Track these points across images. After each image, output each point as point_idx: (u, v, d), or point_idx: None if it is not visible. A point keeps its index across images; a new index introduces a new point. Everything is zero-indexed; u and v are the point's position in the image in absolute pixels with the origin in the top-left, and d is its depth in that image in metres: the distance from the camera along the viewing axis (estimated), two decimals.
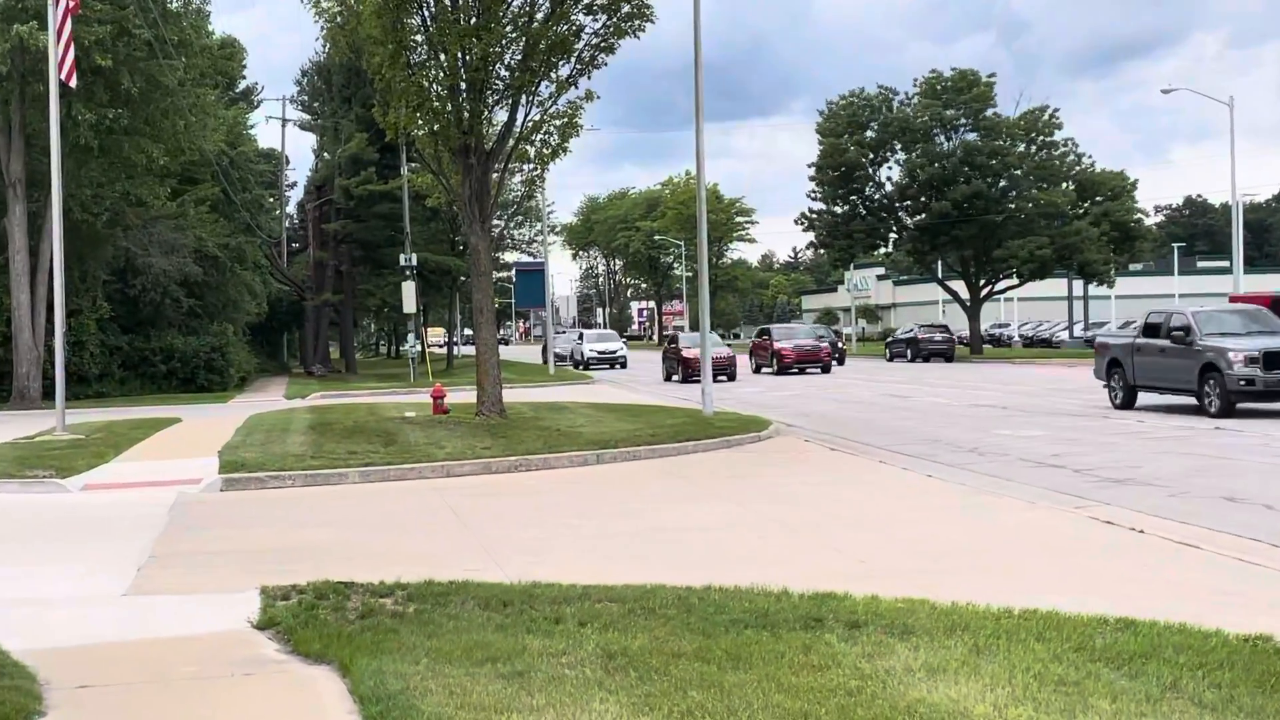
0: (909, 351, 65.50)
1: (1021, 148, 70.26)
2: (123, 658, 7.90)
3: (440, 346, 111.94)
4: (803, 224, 76.19)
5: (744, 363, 54.12)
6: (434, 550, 11.93)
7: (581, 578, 9.84)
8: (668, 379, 47.61)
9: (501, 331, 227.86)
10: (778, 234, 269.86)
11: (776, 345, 51.01)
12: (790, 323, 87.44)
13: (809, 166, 73.99)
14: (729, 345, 59.72)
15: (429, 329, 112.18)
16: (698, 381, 41.11)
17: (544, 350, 68.82)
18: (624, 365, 63.41)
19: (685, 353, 46.22)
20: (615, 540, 12.40)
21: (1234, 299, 45.29)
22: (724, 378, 45.32)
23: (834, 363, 55.28)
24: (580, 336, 69.15)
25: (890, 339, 72.37)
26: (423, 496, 16.21)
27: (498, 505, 15.28)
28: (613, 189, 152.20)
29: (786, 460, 19.80)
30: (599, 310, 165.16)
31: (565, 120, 25.32)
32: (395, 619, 8.52)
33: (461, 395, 34.79)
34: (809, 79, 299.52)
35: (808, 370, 50.86)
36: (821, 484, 16.67)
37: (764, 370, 51.93)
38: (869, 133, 72.20)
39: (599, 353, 64.65)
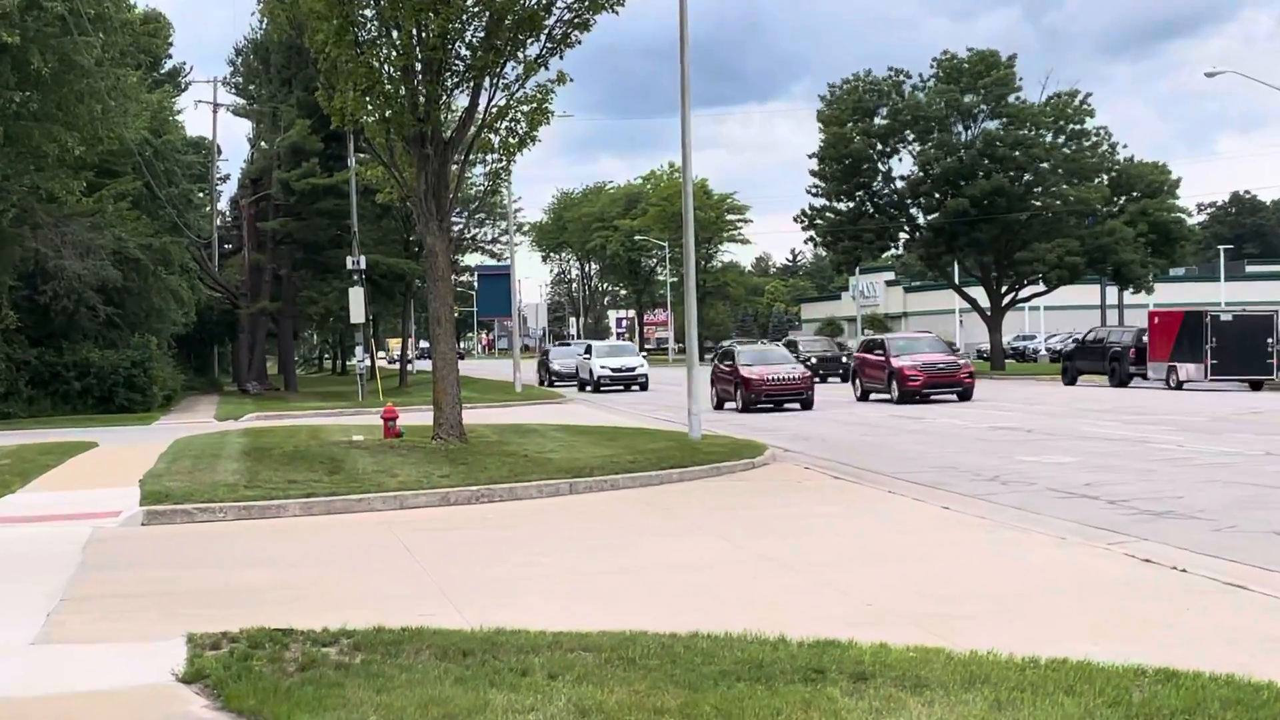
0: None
1: (1048, 138, 70.62)
2: (30, 716, 7.85)
3: (392, 361, 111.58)
4: (802, 222, 76.42)
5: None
6: (384, 592, 11.91)
7: (551, 623, 9.83)
8: (719, 407, 42.10)
9: (462, 344, 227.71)
10: (774, 234, 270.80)
11: (897, 363, 42.53)
12: (908, 332, 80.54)
13: (810, 158, 74.31)
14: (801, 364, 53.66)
15: (390, 340, 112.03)
16: (763, 410, 39.85)
17: (539, 366, 67.62)
18: (644, 387, 56.74)
19: (746, 372, 40.79)
20: (589, 580, 12.40)
21: (1152, 315, 49.85)
22: (796, 405, 40.32)
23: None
24: (588, 350, 61.78)
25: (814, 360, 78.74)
26: (372, 531, 16.19)
27: (457, 541, 15.26)
28: (588, 183, 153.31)
29: (783, 490, 19.83)
30: (572, 320, 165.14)
31: (534, 105, 25.35)
32: (340, 671, 8.49)
33: (416, 416, 34.73)
34: (811, 60, 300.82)
35: (937, 397, 42.55)
36: (823, 516, 16.72)
37: (876, 396, 44.17)
38: (877, 120, 72.49)
39: (614, 370, 56.09)
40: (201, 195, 67.34)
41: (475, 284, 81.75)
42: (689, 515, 17.10)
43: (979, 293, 75.78)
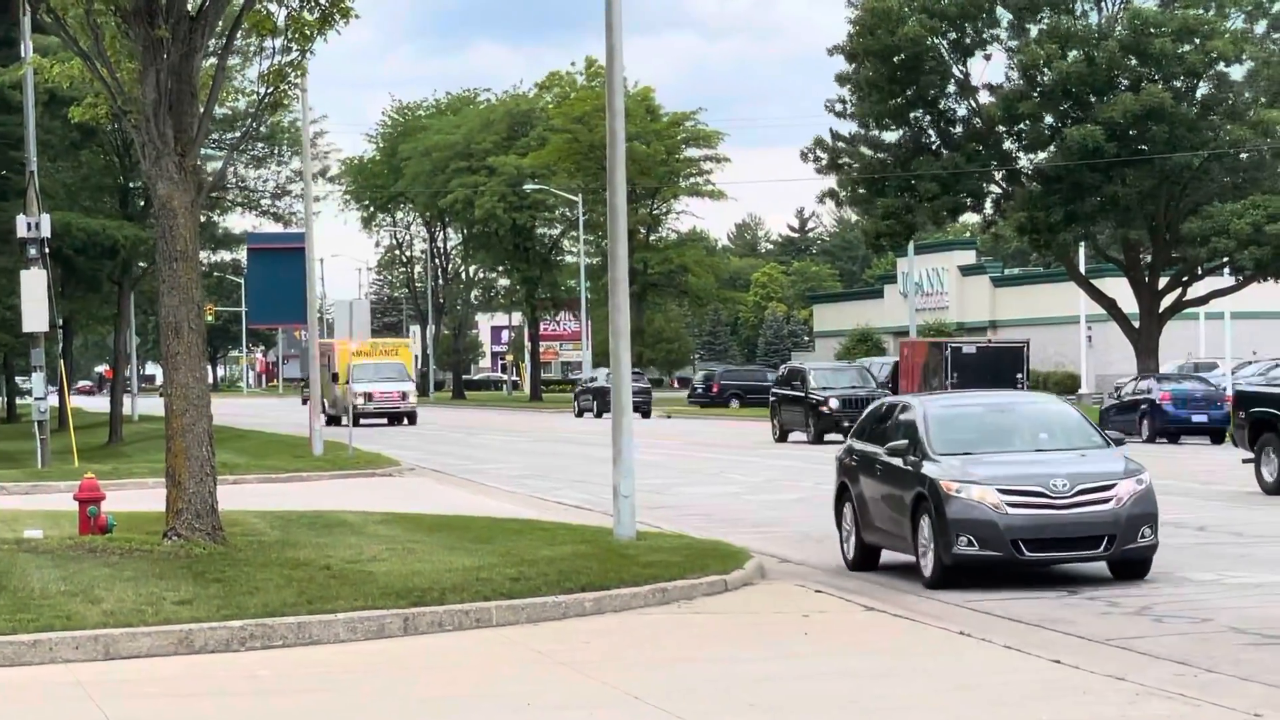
0: (596, 404, 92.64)
1: (1237, 23, 71.11)
2: None
3: (93, 392, 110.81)
4: (819, 161, 76.55)
5: None
6: None
7: None
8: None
9: (221, 370, 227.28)
10: (770, 185, 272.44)
11: None
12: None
13: (833, 53, 74.53)
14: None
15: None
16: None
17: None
18: None
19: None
20: None
21: (903, 346, 70.21)
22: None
23: None
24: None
25: (579, 388, 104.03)
26: (55, 701, 16.11)
27: (204, 718, 15.17)
28: (449, 91, 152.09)
29: (776, 630, 19.96)
30: (414, 329, 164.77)
31: None
32: None
33: (138, 496, 34.52)
34: None
35: None
36: (843, 677, 16.85)
37: None
38: None
39: None
40: None
41: (244, 265, 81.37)
42: (610, 674, 17.15)
43: (1119, 288, 76.11)
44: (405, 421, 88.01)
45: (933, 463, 23.83)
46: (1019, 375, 67.06)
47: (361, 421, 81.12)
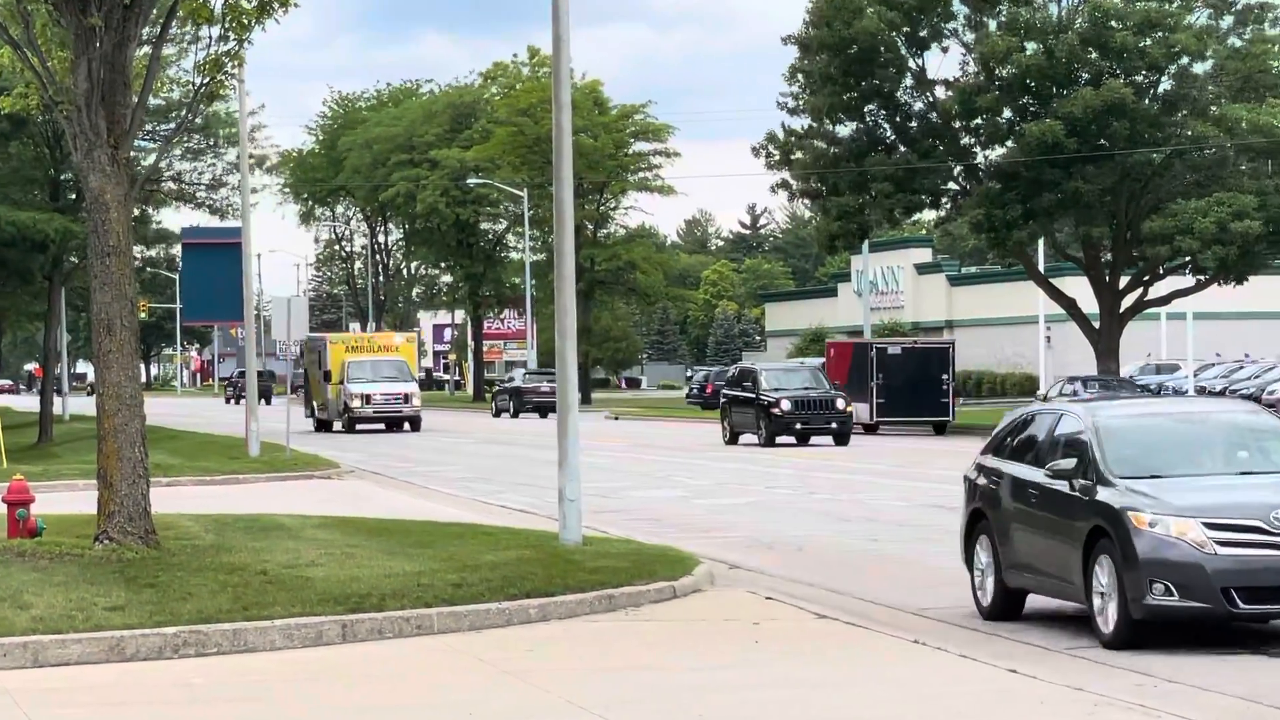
0: (512, 404, 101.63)
1: (1202, 19, 71.15)
2: None
3: (16, 391, 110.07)
4: (771, 156, 76.36)
5: None
6: None
7: None
8: None
9: (155, 369, 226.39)
10: (722, 180, 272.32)
11: None
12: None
13: (786, 44, 74.44)
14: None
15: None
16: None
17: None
18: None
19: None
20: None
21: (829, 346, 77.13)
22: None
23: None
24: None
25: (497, 388, 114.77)
26: None
27: None
28: (390, 83, 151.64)
29: (726, 638, 19.93)
30: (353, 326, 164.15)
31: None
32: None
33: (69, 498, 34.33)
34: None
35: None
36: (797, 687, 16.84)
37: None
38: None
39: None
40: None
41: (179, 261, 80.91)
42: (555, 683, 17.13)
43: (1079, 287, 76.18)
44: (408, 427, 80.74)
45: (1111, 488, 19.95)
46: (945, 376, 71.38)
47: (358, 427, 79.51)
